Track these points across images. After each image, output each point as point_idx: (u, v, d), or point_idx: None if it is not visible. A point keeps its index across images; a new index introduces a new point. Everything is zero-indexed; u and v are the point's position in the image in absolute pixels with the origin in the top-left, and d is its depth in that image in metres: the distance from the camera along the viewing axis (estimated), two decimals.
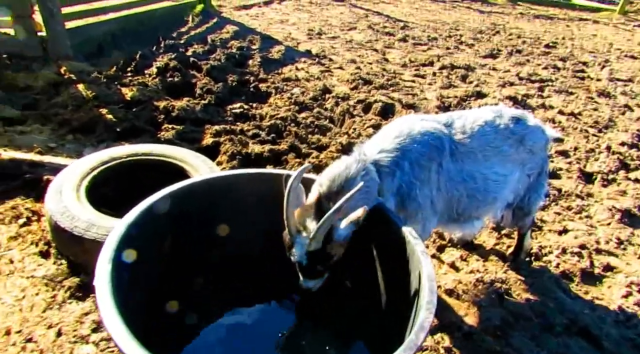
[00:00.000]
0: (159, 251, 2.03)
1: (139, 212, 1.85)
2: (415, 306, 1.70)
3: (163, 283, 2.04)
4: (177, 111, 4.34)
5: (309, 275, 1.93)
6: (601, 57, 8.45)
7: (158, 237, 2.02)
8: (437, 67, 6.93)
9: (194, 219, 2.19)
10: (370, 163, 2.07)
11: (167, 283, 2.05)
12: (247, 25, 8.07)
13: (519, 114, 2.52)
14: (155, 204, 1.95)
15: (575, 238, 3.36)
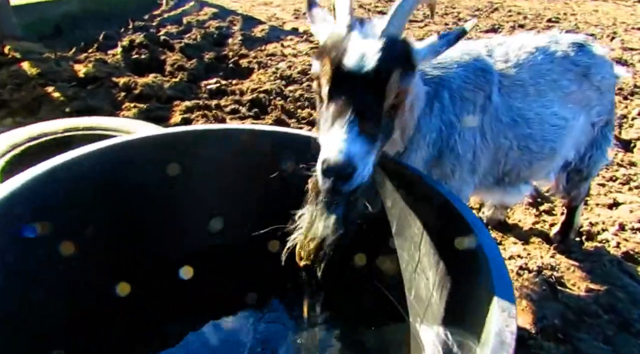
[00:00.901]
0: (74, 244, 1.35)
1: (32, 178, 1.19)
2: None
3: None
4: (140, 88, 3.67)
5: (364, 113, 1.09)
6: (608, 30, 7.89)
7: (75, 220, 1.36)
8: None
9: (135, 195, 1.52)
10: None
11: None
12: (228, 7, 7.40)
13: (581, 39, 1.88)
14: (65, 167, 1.30)
15: (631, 212, 2.73)
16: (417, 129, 1.53)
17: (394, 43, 1.15)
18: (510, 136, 1.71)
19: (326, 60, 1.15)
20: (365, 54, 1.10)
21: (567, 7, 9.92)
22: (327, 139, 1.09)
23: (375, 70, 1.10)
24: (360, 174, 1.06)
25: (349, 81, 1.11)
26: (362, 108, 1.09)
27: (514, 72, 1.72)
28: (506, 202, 2.32)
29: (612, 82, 1.93)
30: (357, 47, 1.12)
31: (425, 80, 1.53)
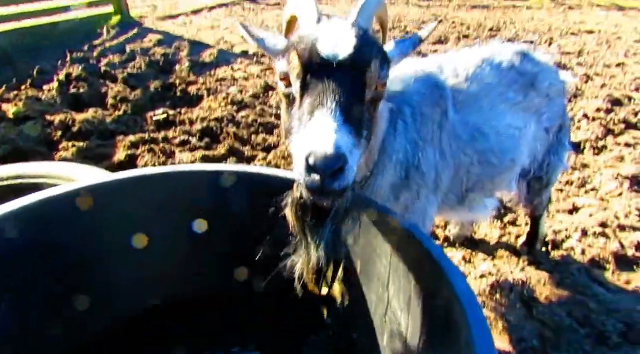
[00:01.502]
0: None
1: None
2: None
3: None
4: (79, 125, 3.41)
5: (346, 102, 0.96)
6: (546, 36, 8.30)
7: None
8: None
9: (61, 257, 1.32)
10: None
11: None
12: (174, 33, 7.19)
13: (524, 48, 1.87)
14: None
15: (590, 216, 2.74)
16: (382, 151, 1.44)
17: (367, 33, 1.09)
18: (470, 152, 1.66)
19: (295, 54, 1.04)
20: (341, 41, 1.01)
21: (505, 16, 10.40)
22: (307, 132, 0.95)
23: (355, 56, 1.00)
24: (351, 169, 0.91)
25: (326, 70, 1.00)
26: (344, 96, 0.96)
27: (466, 87, 1.67)
28: (475, 220, 2.27)
29: (560, 88, 1.93)
30: (331, 35, 1.03)
31: (388, 96, 1.45)
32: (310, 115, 0.97)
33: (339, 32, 1.04)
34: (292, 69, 1.06)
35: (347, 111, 0.95)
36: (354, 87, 1.01)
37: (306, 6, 1.18)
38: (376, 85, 1.07)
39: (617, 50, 7.18)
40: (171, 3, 9.94)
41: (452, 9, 11.09)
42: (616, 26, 9.40)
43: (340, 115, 0.94)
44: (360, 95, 1.03)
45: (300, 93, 1.04)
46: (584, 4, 12.80)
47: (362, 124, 1.02)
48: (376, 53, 1.05)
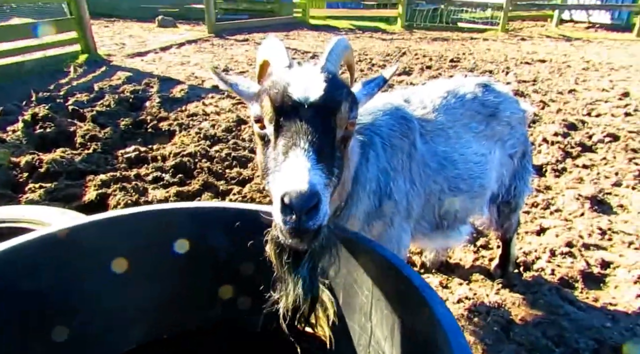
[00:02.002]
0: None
1: None
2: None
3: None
4: (46, 166, 3.32)
5: (317, 142, 1.01)
6: (502, 65, 8.78)
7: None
8: None
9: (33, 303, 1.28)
10: None
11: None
12: (143, 70, 7.19)
13: (485, 79, 2.00)
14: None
15: (557, 236, 2.87)
16: (355, 181, 1.50)
17: (336, 77, 1.16)
18: (440, 180, 1.73)
19: (267, 98, 1.10)
20: (311, 85, 1.08)
21: (464, 48, 10.98)
22: (282, 172, 0.99)
23: (325, 99, 1.07)
24: (324, 208, 0.95)
25: (298, 112, 1.05)
26: (315, 137, 1.02)
27: (433, 117, 1.77)
28: (450, 246, 2.34)
29: (520, 116, 2.06)
30: (301, 79, 1.09)
31: (358, 128, 1.51)
32: (284, 155, 1.02)
33: (309, 76, 1.11)
34: (266, 112, 1.11)
35: (319, 151, 1.00)
36: (325, 128, 1.06)
37: (277, 52, 1.25)
38: (346, 125, 1.14)
39: (568, 77, 7.68)
40: (139, 41, 9.98)
41: (414, 42, 11.63)
42: (565, 55, 10.08)
43: (313, 154, 0.98)
44: (331, 135, 1.09)
45: (274, 135, 1.10)
46: (534, 35, 13.71)
47: (333, 163, 1.08)
48: (345, 95, 1.12)
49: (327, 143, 1.06)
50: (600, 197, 3.39)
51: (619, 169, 3.90)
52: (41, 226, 2.05)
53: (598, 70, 8.41)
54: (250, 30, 11.61)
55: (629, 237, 2.87)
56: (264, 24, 12.53)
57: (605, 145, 4.51)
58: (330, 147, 1.07)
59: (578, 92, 6.68)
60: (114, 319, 1.43)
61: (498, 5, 14.62)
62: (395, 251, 1.65)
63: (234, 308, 1.54)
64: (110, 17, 13.65)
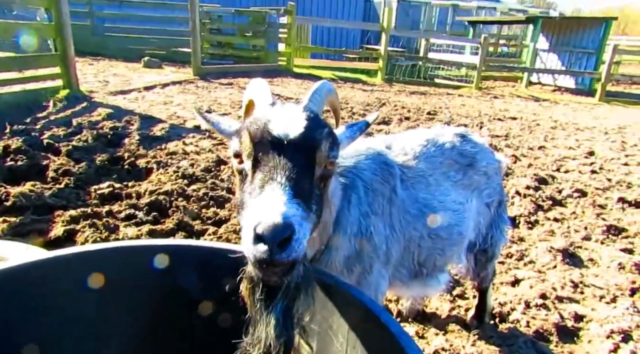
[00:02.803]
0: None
1: None
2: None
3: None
4: (13, 199, 3.20)
5: (296, 178, 1.01)
6: (476, 120, 9.18)
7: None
8: None
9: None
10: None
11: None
12: (125, 108, 7.19)
13: (462, 130, 2.07)
14: None
15: (531, 288, 2.88)
16: (337, 224, 1.48)
17: (318, 117, 1.19)
18: (420, 227, 1.74)
19: (247, 133, 1.10)
20: (292, 122, 1.09)
21: (440, 102, 11.48)
22: (257, 204, 0.97)
23: (305, 136, 1.08)
24: (300, 241, 0.93)
25: (277, 148, 1.06)
26: (293, 173, 1.02)
27: (414, 164, 1.80)
28: (428, 295, 2.31)
29: (496, 167, 2.13)
30: (282, 116, 1.11)
31: (341, 171, 1.52)
32: (260, 189, 1.01)
33: (291, 114, 1.14)
34: (244, 147, 1.12)
35: (296, 186, 1.00)
36: (303, 165, 1.06)
37: (262, 91, 1.29)
38: (325, 163, 1.15)
39: (538, 135, 8.06)
40: (123, 80, 10.06)
41: (393, 94, 12.10)
42: (535, 114, 10.64)
43: (290, 189, 0.99)
44: (309, 172, 1.09)
45: (252, 169, 1.10)
46: (506, 94, 14.50)
47: (311, 199, 1.07)
48: (325, 134, 1.14)
49: (305, 180, 1.06)
50: (571, 250, 3.46)
51: (588, 224, 4.02)
52: (0, 261, 1.94)
53: (565, 129, 8.87)
54: (235, 75, 11.88)
55: (599, 291, 2.91)
56: (249, 70, 12.86)
57: (574, 200, 4.67)
58: (308, 184, 1.07)
59: (547, 149, 6.99)
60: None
61: (472, 65, 15.50)
62: (372, 297, 1.62)
63: (207, 346, 1.46)
64: (97, 55, 13.77)
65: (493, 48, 21.13)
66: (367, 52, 16.68)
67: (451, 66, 16.92)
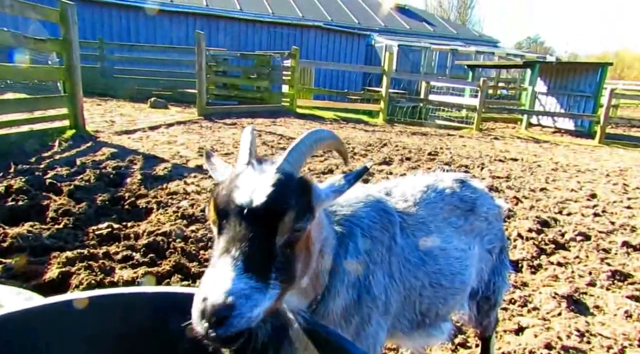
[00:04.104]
0: None
1: None
2: None
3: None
4: (11, 240, 3.19)
5: (250, 251, 0.99)
6: (477, 161, 9.24)
7: None
8: (338, 174, 6.74)
9: None
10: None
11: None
12: (129, 147, 7.30)
13: (462, 176, 2.07)
14: None
15: (535, 337, 2.79)
16: (334, 274, 1.45)
17: (289, 180, 1.11)
18: (421, 275, 1.71)
19: (213, 199, 1.10)
20: (256, 189, 1.06)
21: (441, 142, 11.60)
22: (209, 276, 0.98)
23: (265, 206, 1.04)
24: (242, 316, 0.93)
25: (238, 217, 1.04)
26: (249, 245, 1.00)
27: (414, 211, 1.79)
28: (431, 345, 2.24)
29: (496, 212, 2.11)
30: (249, 182, 1.08)
31: (337, 220, 1.51)
32: (217, 259, 1.01)
33: (259, 179, 1.09)
34: (210, 213, 1.12)
35: (251, 259, 0.99)
36: (263, 235, 1.04)
37: (243, 147, 1.25)
38: (290, 232, 1.09)
39: (539, 176, 8.07)
40: (129, 119, 10.28)
41: (395, 134, 12.26)
42: (535, 155, 10.71)
43: (242, 263, 0.98)
44: (269, 243, 1.06)
45: (217, 236, 1.10)
46: (506, 135, 14.67)
47: (270, 269, 1.04)
48: (292, 204, 1.08)
49: (264, 251, 1.03)
50: (576, 296, 3.38)
51: (592, 269, 3.94)
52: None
53: (566, 171, 8.90)
54: (239, 115, 12.13)
55: (607, 341, 2.81)
56: (253, 110, 13.15)
57: (577, 243, 4.61)
58: (268, 254, 1.04)
59: (549, 191, 6.98)
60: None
61: (472, 107, 15.80)
62: (371, 349, 1.57)
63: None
64: (104, 96, 14.16)
65: (492, 90, 21.62)
66: (369, 94, 17.08)
67: (451, 108, 17.24)
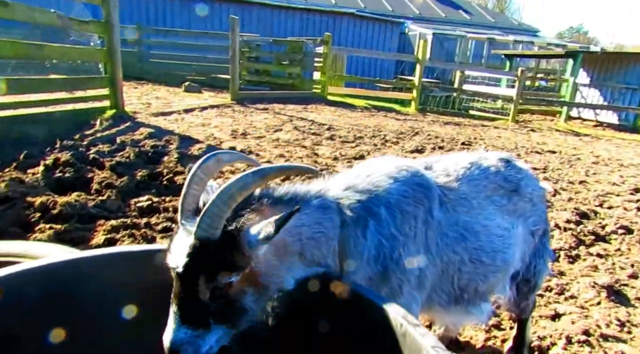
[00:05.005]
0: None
1: None
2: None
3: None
4: (60, 208, 3.36)
5: (184, 306, 1.22)
6: (513, 152, 8.99)
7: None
8: (369, 158, 6.72)
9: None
10: (331, 199, 1.43)
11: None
12: (165, 128, 7.50)
13: (506, 155, 2.04)
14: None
15: (573, 323, 2.73)
16: (351, 251, 1.47)
17: (203, 246, 1.18)
18: (460, 250, 1.70)
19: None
20: (178, 255, 1.22)
21: (475, 132, 11.34)
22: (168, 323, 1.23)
23: (182, 272, 1.19)
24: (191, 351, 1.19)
25: (175, 277, 1.23)
26: (180, 302, 1.21)
27: (456, 186, 1.77)
28: (468, 323, 2.23)
29: (541, 194, 2.07)
30: (176, 247, 1.24)
31: (352, 206, 1.50)
32: (170, 308, 1.23)
33: (181, 244, 1.23)
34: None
35: (185, 313, 1.20)
36: (190, 292, 1.20)
37: (181, 197, 1.33)
38: (211, 288, 1.21)
39: (578, 169, 7.79)
40: (165, 102, 10.53)
41: (427, 124, 12.07)
42: (575, 148, 10.32)
43: (179, 316, 1.20)
44: (197, 297, 1.21)
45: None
46: (544, 127, 14.17)
47: (206, 316, 1.22)
48: (206, 266, 1.19)
49: (196, 304, 1.21)
50: (616, 287, 3.27)
51: (635, 262, 3.80)
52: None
53: (608, 165, 8.54)
54: (271, 101, 12.21)
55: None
56: (284, 96, 13.20)
57: (619, 236, 4.44)
58: (201, 306, 1.21)
59: (589, 184, 6.73)
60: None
61: (508, 98, 15.33)
62: None
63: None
64: (140, 80, 14.54)
65: (531, 81, 20.88)
66: (401, 83, 16.83)
67: (486, 98, 16.79)
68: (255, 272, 1.27)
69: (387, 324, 1.22)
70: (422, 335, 1.14)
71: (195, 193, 1.32)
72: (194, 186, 1.32)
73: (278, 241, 1.29)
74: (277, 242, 1.30)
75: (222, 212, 1.17)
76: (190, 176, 1.32)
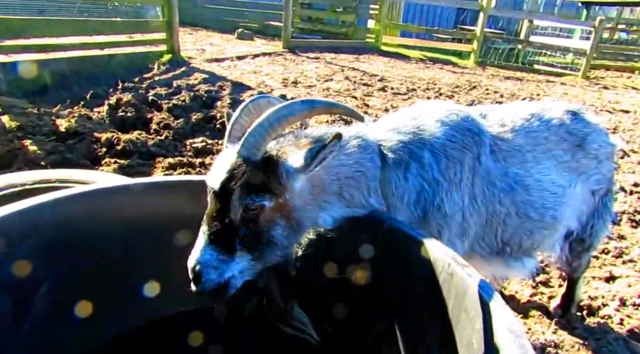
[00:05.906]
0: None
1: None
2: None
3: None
4: (123, 144, 3.57)
5: (214, 225, 1.21)
6: None
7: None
8: None
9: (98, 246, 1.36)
10: (372, 140, 1.43)
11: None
12: (218, 74, 7.61)
13: (575, 107, 1.89)
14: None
15: (629, 286, 2.62)
16: (392, 193, 1.45)
17: (243, 164, 1.19)
18: (507, 203, 1.64)
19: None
20: (217, 174, 1.22)
21: (538, 88, 10.59)
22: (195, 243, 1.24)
23: (220, 189, 1.20)
24: (209, 281, 1.18)
25: (210, 195, 1.24)
26: (212, 222, 1.21)
27: (510, 137, 1.69)
28: (509, 276, 2.20)
29: (609, 151, 1.92)
30: (217, 165, 1.25)
31: (392, 148, 1.48)
32: (200, 229, 1.24)
33: (220, 165, 1.24)
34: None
35: (213, 234, 1.20)
36: (221, 213, 1.21)
37: (227, 131, 1.36)
38: (243, 210, 1.21)
39: None
40: (218, 49, 10.60)
41: (486, 78, 11.38)
42: None
43: (207, 237, 1.20)
44: (227, 219, 1.21)
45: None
46: (618, 85, 12.94)
47: (233, 242, 1.21)
48: (243, 184, 1.18)
49: (225, 226, 1.21)
50: None
51: None
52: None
53: None
54: (322, 50, 11.95)
55: None
56: (336, 46, 12.86)
57: None
58: (227, 229, 1.21)
59: None
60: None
61: (581, 51, 14.03)
62: None
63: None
64: (195, 26, 14.64)
65: (609, 33, 18.89)
66: (461, 33, 15.81)
67: (555, 51, 15.46)
68: (289, 205, 1.28)
69: (434, 263, 1.23)
70: (469, 275, 1.14)
71: (243, 123, 1.34)
72: (243, 116, 1.34)
73: (316, 179, 1.30)
74: (315, 180, 1.31)
75: (266, 134, 1.18)
76: (242, 106, 1.34)
